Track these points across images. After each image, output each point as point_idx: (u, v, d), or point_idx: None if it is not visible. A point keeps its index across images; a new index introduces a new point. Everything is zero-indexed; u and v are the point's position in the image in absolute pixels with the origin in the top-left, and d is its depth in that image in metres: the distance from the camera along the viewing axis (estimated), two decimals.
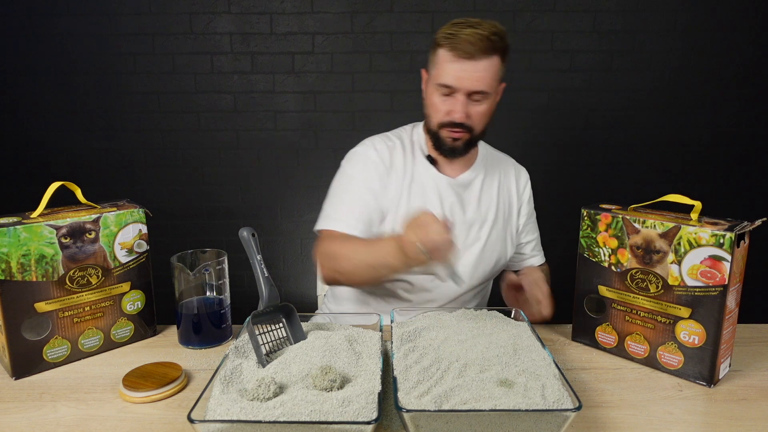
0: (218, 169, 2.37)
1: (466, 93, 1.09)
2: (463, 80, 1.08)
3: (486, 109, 1.13)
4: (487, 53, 1.07)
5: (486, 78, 1.08)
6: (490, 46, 1.06)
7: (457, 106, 1.10)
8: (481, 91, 1.09)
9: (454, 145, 1.15)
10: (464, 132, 1.13)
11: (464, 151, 1.17)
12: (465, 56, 1.06)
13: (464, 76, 1.07)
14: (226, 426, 0.64)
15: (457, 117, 1.10)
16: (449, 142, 1.14)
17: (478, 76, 1.07)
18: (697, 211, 0.90)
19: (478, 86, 1.08)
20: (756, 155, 2.35)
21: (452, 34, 1.07)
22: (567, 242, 1.60)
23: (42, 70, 2.25)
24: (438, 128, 1.15)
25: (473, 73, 1.07)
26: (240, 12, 2.22)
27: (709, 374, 0.88)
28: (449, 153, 1.16)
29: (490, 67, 1.08)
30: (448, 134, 1.14)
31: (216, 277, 1.02)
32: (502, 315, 0.98)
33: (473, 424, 0.66)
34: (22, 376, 0.91)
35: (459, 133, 1.13)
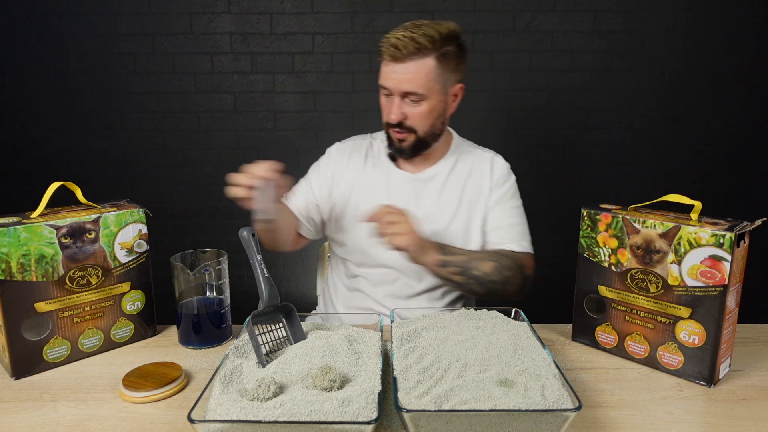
0: (218, 169, 2.37)
1: (399, 94, 1.11)
2: (392, 81, 1.11)
3: (425, 110, 1.13)
4: (417, 55, 1.08)
5: (415, 79, 1.09)
6: (417, 48, 1.07)
7: (392, 108, 1.13)
8: (413, 91, 1.10)
9: (400, 145, 1.18)
10: (406, 132, 1.15)
11: (412, 152, 1.19)
12: (393, 58, 1.09)
13: (393, 77, 1.10)
14: (226, 426, 0.64)
15: (392, 118, 1.13)
16: (396, 143, 1.18)
17: (407, 77, 1.09)
18: (697, 211, 0.90)
19: (407, 87, 1.10)
20: (756, 155, 2.35)
21: (386, 38, 1.10)
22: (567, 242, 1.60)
23: (42, 70, 2.25)
24: (387, 128, 1.19)
25: (402, 75, 1.09)
26: (240, 12, 2.22)
27: (709, 374, 0.88)
28: (397, 152, 1.20)
29: (421, 68, 1.09)
30: (393, 135, 1.18)
31: (216, 277, 1.02)
32: (502, 315, 0.98)
33: (473, 424, 0.66)
34: (22, 376, 0.91)
35: (401, 134, 1.16)
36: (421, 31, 1.07)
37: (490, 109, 2.29)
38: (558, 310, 1.25)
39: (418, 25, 1.09)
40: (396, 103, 1.12)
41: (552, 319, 1.15)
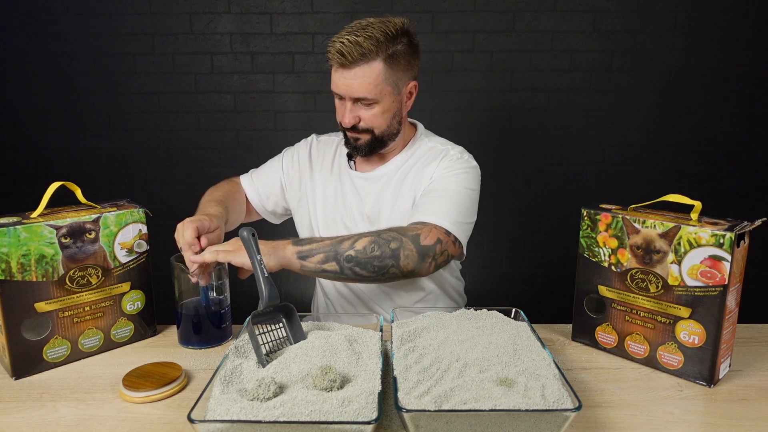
0: (218, 169, 2.37)
1: (351, 99, 1.10)
2: (344, 87, 1.09)
3: (378, 112, 1.12)
4: (363, 60, 1.05)
5: (364, 84, 1.07)
6: (361, 54, 1.04)
7: (344, 112, 1.12)
8: (362, 97, 1.09)
9: (356, 144, 1.18)
10: (362, 133, 1.15)
11: (369, 151, 1.18)
12: (342, 65, 1.07)
13: (341, 83, 1.09)
14: (226, 426, 0.64)
15: (345, 122, 1.13)
16: (352, 142, 1.18)
17: (355, 83, 1.07)
18: (697, 211, 0.90)
19: (356, 93, 1.08)
20: (756, 155, 2.35)
21: (332, 44, 1.07)
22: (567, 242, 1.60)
23: (42, 70, 2.25)
24: (342, 131, 1.19)
25: (351, 80, 1.07)
26: (240, 12, 2.22)
27: (709, 374, 0.88)
28: (354, 151, 1.20)
29: (369, 73, 1.06)
30: (349, 135, 1.17)
31: (216, 277, 1.02)
32: (502, 315, 0.98)
33: (473, 424, 0.66)
34: (22, 376, 0.91)
35: (355, 134, 1.16)
36: (366, 34, 1.04)
37: (490, 109, 2.29)
38: (558, 310, 1.25)
39: (364, 26, 1.06)
40: (348, 107, 1.11)
41: (552, 319, 1.15)
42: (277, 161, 1.36)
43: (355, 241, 1.00)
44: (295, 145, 1.38)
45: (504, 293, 2.46)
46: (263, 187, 1.35)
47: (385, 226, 1.19)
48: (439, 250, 1.06)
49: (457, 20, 2.21)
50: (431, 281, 1.25)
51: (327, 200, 1.27)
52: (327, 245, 1.00)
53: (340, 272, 1.00)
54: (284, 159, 1.35)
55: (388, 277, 1.03)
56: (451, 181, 1.14)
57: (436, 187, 1.14)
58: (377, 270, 1.00)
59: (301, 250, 0.99)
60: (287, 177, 1.33)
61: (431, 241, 1.05)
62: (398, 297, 1.24)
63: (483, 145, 1.33)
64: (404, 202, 1.19)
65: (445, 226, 1.08)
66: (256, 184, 1.35)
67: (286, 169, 1.34)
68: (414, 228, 1.06)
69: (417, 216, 1.11)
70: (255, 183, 1.35)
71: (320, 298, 1.37)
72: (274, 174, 1.34)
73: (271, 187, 1.34)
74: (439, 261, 1.07)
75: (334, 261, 0.99)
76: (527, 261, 2.42)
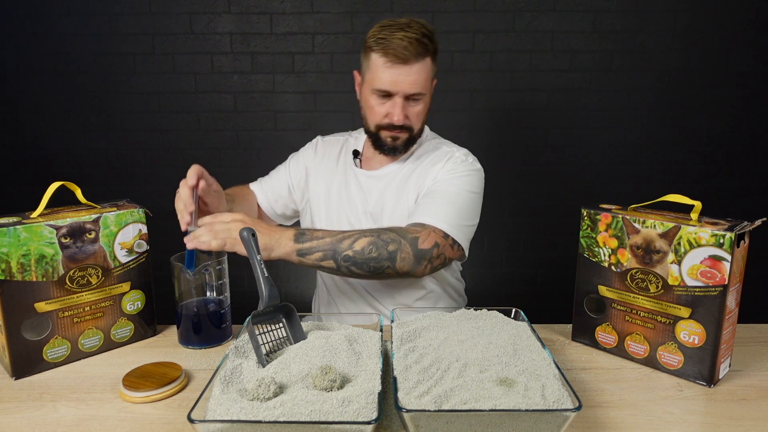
0: (218, 169, 2.36)
1: (403, 96, 1.11)
2: (399, 84, 1.10)
3: (422, 109, 1.16)
4: (420, 56, 1.09)
5: (420, 80, 1.10)
6: (422, 50, 1.08)
7: (396, 110, 1.12)
8: (418, 92, 1.11)
9: (394, 144, 1.18)
10: (403, 131, 1.16)
11: (404, 149, 1.20)
12: (399, 61, 1.08)
13: (400, 81, 1.09)
14: (226, 426, 0.64)
15: (396, 120, 1.12)
16: (389, 142, 1.17)
17: (413, 79, 1.09)
18: (697, 211, 0.90)
19: (414, 89, 1.10)
20: (756, 155, 2.35)
21: (384, 39, 1.08)
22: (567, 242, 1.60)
23: (42, 70, 2.25)
24: (377, 130, 1.17)
25: (408, 77, 1.09)
26: (240, 12, 2.22)
27: (709, 374, 0.88)
28: (390, 152, 1.19)
29: (424, 69, 1.10)
30: (387, 134, 1.17)
31: (216, 278, 1.02)
32: (502, 315, 0.98)
33: (473, 424, 0.66)
34: (22, 376, 0.91)
35: (399, 133, 1.16)
36: (418, 32, 1.07)
37: (490, 109, 2.29)
38: (558, 310, 1.25)
39: (408, 24, 1.09)
40: (401, 104, 1.11)
41: (552, 319, 1.15)
42: (283, 166, 1.39)
43: (354, 241, 1.01)
44: (300, 150, 1.40)
45: (504, 293, 2.46)
46: (271, 191, 1.37)
47: (387, 223, 1.20)
48: (436, 253, 1.07)
49: (457, 20, 2.21)
50: (432, 281, 1.26)
51: (331, 196, 1.28)
52: (327, 243, 1.01)
53: (336, 269, 1.03)
54: (290, 163, 1.38)
55: (384, 276, 1.06)
56: (454, 183, 1.15)
57: (439, 188, 1.15)
58: (373, 270, 1.03)
59: (301, 248, 1.01)
60: (294, 179, 1.35)
61: (429, 244, 1.06)
62: (399, 295, 1.24)
63: (483, 145, 1.33)
64: (407, 200, 1.20)
65: (444, 228, 1.09)
66: (265, 188, 1.38)
67: (292, 172, 1.36)
68: (414, 230, 1.06)
69: (417, 216, 1.11)
70: (263, 188, 1.38)
71: (322, 292, 1.37)
72: (280, 177, 1.37)
73: (278, 191, 1.36)
74: (435, 264, 1.08)
75: (332, 260, 1.02)
76: (527, 261, 2.42)
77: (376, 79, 1.11)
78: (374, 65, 1.11)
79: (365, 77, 1.16)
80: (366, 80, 1.15)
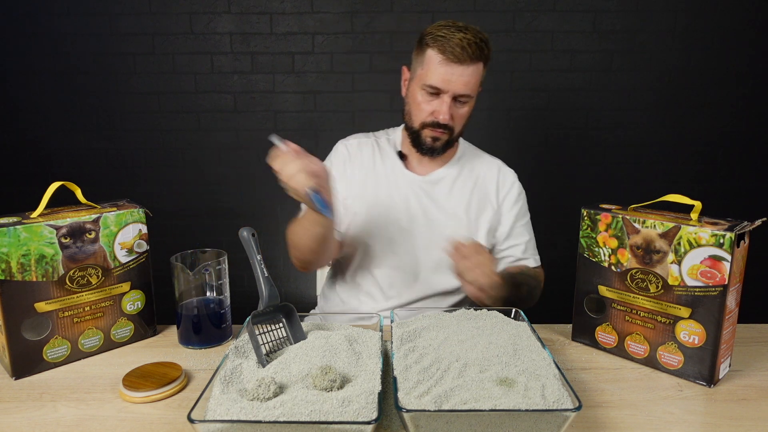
0: (218, 169, 2.37)
1: (452, 95, 1.12)
2: (451, 83, 1.10)
3: (467, 112, 1.17)
4: (475, 59, 1.10)
5: (471, 82, 1.12)
6: (479, 53, 1.10)
7: (443, 108, 1.12)
8: (467, 94, 1.12)
9: (433, 145, 1.18)
10: (445, 133, 1.16)
11: (442, 151, 1.20)
12: (455, 60, 1.09)
13: (453, 80, 1.10)
14: (226, 426, 0.64)
15: (442, 118, 1.13)
16: (429, 141, 1.18)
17: (465, 80, 1.11)
18: (697, 211, 0.90)
19: (464, 90, 1.11)
20: (756, 155, 2.35)
21: (443, 37, 1.09)
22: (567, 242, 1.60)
23: (42, 70, 2.25)
24: (420, 127, 1.18)
25: (461, 77, 1.10)
26: (240, 12, 2.22)
27: (709, 374, 0.88)
28: (428, 152, 1.19)
29: (477, 72, 1.12)
30: (429, 133, 1.17)
31: (216, 277, 1.02)
32: (502, 315, 0.98)
33: (473, 424, 0.66)
34: (22, 376, 0.91)
35: (440, 133, 1.16)
36: (476, 36, 1.09)
37: (490, 109, 2.29)
38: (558, 310, 1.25)
39: (467, 27, 1.11)
40: (449, 103, 1.12)
41: (552, 319, 1.15)
42: None
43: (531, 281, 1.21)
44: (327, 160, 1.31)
45: None
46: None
47: (442, 228, 1.21)
48: None
49: (457, 20, 2.21)
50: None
51: (378, 200, 1.23)
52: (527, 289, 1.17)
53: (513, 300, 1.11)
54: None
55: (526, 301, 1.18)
56: (527, 210, 1.31)
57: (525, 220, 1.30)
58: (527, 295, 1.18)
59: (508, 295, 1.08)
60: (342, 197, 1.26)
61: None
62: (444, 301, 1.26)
63: (483, 145, 1.33)
64: (472, 216, 1.24)
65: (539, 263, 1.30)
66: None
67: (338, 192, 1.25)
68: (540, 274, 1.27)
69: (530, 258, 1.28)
70: None
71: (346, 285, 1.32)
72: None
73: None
74: None
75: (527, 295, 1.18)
76: None
77: (428, 75, 1.12)
78: (429, 61, 1.12)
79: (416, 73, 1.16)
80: (417, 76, 1.16)
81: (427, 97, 1.14)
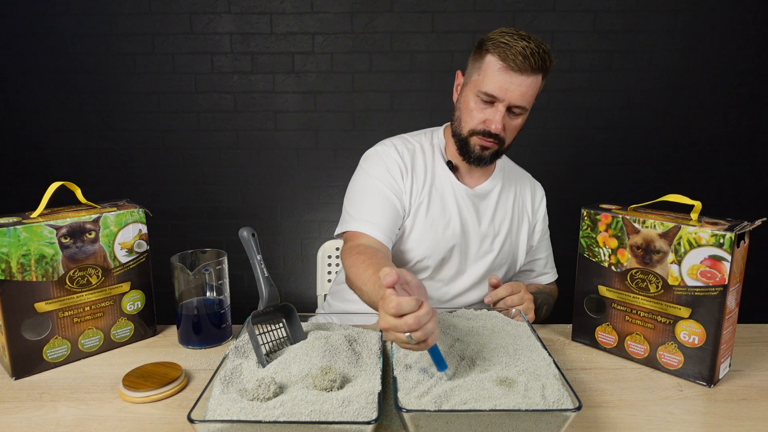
0: (218, 169, 2.37)
1: (507, 105, 1.07)
2: (509, 92, 1.05)
3: (520, 124, 1.12)
4: (535, 71, 1.05)
5: (529, 94, 1.07)
6: (540, 63, 1.04)
7: (497, 117, 1.07)
8: (523, 106, 1.08)
9: (482, 154, 1.13)
10: (495, 143, 1.11)
11: (490, 162, 1.15)
12: (516, 69, 1.03)
13: (511, 89, 1.05)
14: (226, 426, 0.64)
15: (494, 128, 1.08)
16: (477, 150, 1.12)
17: (523, 91, 1.05)
18: (697, 211, 0.90)
19: (520, 101, 1.06)
20: (756, 155, 2.35)
21: (506, 44, 1.03)
22: (567, 242, 1.60)
23: (42, 70, 2.25)
24: (469, 134, 1.12)
25: (519, 87, 1.05)
26: (240, 12, 2.22)
27: (709, 374, 0.88)
28: (476, 161, 1.14)
29: (535, 83, 1.07)
30: (478, 142, 1.11)
31: (216, 278, 1.02)
32: (502, 315, 0.98)
33: (473, 424, 0.66)
34: (22, 376, 0.91)
35: (490, 143, 1.11)
36: (539, 47, 1.03)
37: None
38: (558, 310, 1.25)
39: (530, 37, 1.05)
40: (502, 112, 1.07)
41: (552, 319, 1.15)
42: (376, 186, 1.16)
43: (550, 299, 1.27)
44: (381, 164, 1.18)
45: None
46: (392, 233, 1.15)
47: (499, 244, 1.22)
48: None
49: (457, 20, 2.21)
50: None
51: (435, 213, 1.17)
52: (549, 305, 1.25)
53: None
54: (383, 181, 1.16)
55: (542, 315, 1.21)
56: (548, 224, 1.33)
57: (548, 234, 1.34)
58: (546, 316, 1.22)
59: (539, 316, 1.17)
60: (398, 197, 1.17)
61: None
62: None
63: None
64: (513, 230, 1.25)
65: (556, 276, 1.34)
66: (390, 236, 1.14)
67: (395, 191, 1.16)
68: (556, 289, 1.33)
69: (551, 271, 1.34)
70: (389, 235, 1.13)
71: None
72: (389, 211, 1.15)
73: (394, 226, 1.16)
74: None
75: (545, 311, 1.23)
76: None
77: (485, 82, 1.06)
78: (488, 67, 1.06)
79: (471, 78, 1.11)
80: (471, 81, 1.10)
81: (481, 105, 1.09)
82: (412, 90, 2.27)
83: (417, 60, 2.25)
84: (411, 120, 2.30)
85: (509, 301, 1.04)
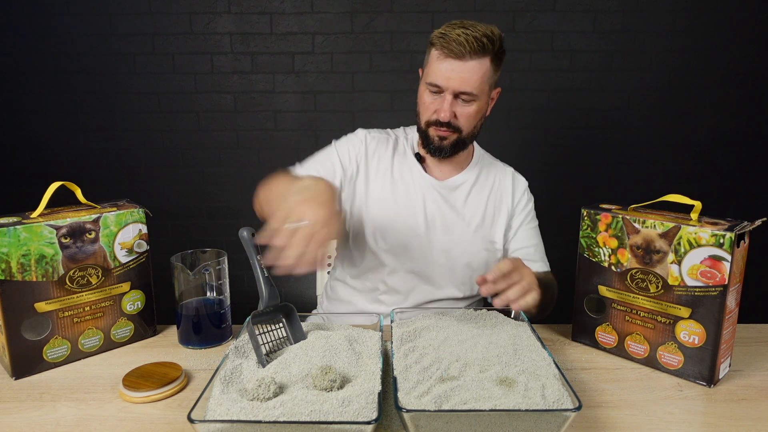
0: (218, 169, 2.37)
1: (453, 93, 1.10)
2: (451, 80, 1.09)
3: (474, 111, 1.13)
4: (477, 54, 1.07)
5: (473, 79, 1.09)
6: (479, 48, 1.07)
7: (444, 105, 1.11)
8: (468, 92, 1.10)
9: (441, 144, 1.16)
10: (451, 132, 1.14)
11: (451, 152, 1.18)
12: (453, 56, 1.07)
13: (452, 76, 1.08)
14: (226, 426, 0.64)
15: (442, 116, 1.11)
16: (436, 141, 1.16)
17: (465, 76, 1.08)
18: (697, 211, 0.90)
19: (464, 87, 1.09)
20: (756, 155, 2.35)
21: (444, 34, 1.08)
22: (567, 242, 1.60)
23: (42, 70, 2.25)
24: (426, 126, 1.16)
25: (461, 73, 1.08)
26: (240, 12, 2.22)
27: (709, 374, 0.88)
28: (436, 152, 1.18)
29: (479, 68, 1.08)
30: (435, 133, 1.15)
31: (216, 277, 1.02)
32: (502, 315, 0.98)
33: (473, 424, 0.66)
34: (22, 376, 0.91)
35: (445, 132, 1.14)
36: (480, 32, 1.07)
37: None
38: (558, 310, 1.25)
39: (472, 25, 1.09)
40: (449, 101, 1.10)
41: (552, 319, 1.15)
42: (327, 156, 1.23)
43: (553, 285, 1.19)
44: (344, 139, 1.26)
45: None
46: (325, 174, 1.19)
47: (459, 235, 1.20)
48: None
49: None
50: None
51: (396, 203, 1.20)
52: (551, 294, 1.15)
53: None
54: (338, 152, 1.23)
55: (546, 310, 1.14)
56: (535, 217, 1.30)
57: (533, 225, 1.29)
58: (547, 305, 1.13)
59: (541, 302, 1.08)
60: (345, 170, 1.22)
61: None
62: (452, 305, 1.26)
63: (482, 145, 1.33)
64: (487, 223, 1.23)
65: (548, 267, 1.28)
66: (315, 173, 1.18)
67: (343, 162, 1.22)
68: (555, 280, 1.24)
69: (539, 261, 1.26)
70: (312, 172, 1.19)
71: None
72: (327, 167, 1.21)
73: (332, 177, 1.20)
74: None
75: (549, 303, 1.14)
76: None
77: (430, 73, 1.12)
78: (432, 59, 1.11)
79: (424, 72, 1.16)
80: (423, 75, 1.16)
81: (431, 96, 1.13)
82: (412, 90, 2.25)
83: (417, 60, 2.25)
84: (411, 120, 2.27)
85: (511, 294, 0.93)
